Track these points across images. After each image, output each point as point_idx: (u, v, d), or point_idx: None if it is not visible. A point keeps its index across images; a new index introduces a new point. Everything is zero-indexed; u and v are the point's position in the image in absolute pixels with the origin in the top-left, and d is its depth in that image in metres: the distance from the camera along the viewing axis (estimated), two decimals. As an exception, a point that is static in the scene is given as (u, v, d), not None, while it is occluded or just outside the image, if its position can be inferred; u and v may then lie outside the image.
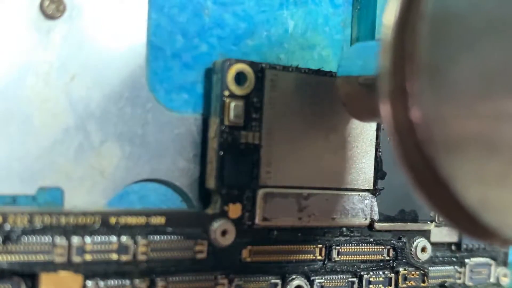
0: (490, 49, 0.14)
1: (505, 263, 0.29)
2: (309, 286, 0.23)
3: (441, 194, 0.16)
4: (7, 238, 0.19)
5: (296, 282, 0.23)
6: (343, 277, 0.24)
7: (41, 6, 0.20)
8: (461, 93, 0.14)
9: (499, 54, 0.14)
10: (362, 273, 0.25)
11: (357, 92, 0.22)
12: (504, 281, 0.28)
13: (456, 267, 0.27)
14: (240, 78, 0.22)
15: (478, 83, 0.14)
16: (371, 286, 0.25)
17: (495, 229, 0.16)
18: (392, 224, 0.25)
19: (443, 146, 0.15)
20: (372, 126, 0.24)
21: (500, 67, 0.14)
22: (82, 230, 0.20)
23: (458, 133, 0.15)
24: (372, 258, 0.25)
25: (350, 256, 0.24)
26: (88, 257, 0.20)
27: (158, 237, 0.21)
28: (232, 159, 0.22)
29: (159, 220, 0.21)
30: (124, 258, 0.20)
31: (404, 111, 0.15)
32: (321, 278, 0.24)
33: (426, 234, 0.26)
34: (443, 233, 0.27)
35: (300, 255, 0.23)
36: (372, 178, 0.24)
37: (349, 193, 0.24)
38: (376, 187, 0.25)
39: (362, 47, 0.23)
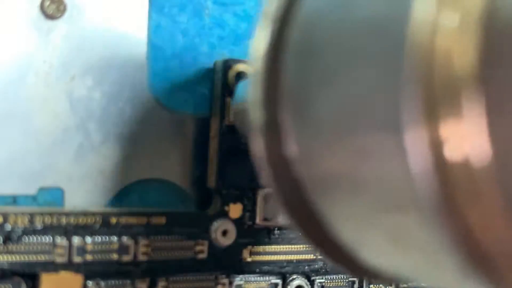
0: (349, 84, 0.13)
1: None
2: (309, 286, 0.23)
3: (317, 232, 0.15)
4: (7, 238, 0.19)
5: (296, 282, 0.23)
6: (343, 277, 0.24)
7: (42, 6, 0.20)
8: (325, 128, 0.14)
9: (358, 88, 0.13)
10: (362, 273, 0.25)
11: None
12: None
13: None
14: (240, 78, 0.22)
15: (339, 118, 0.13)
16: (371, 286, 0.25)
17: (375, 268, 0.15)
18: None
19: (314, 183, 0.15)
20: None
21: (359, 102, 0.13)
22: (83, 230, 0.20)
23: (325, 170, 0.14)
24: (373, 258, 0.25)
25: (351, 256, 0.24)
26: (88, 257, 0.20)
27: (159, 237, 0.21)
28: (232, 159, 0.22)
29: (159, 220, 0.21)
30: (125, 258, 0.20)
31: (278, 147, 0.15)
32: (322, 278, 0.24)
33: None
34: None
35: (301, 255, 0.23)
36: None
37: (350, 193, 0.24)
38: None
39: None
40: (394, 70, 0.12)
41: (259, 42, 0.15)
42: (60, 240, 0.19)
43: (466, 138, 0.11)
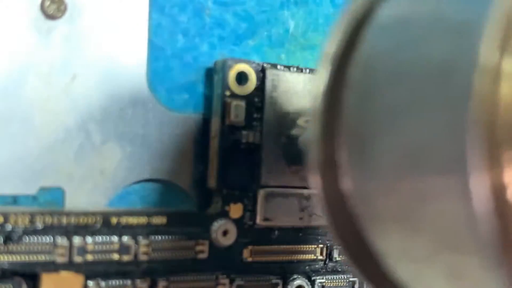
0: (411, 125, 0.13)
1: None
2: (310, 286, 0.23)
3: (372, 269, 0.15)
4: (8, 238, 0.19)
5: (297, 282, 0.23)
6: (344, 277, 0.24)
7: (42, 6, 0.20)
8: (384, 168, 0.14)
9: (420, 130, 0.13)
10: (363, 273, 0.25)
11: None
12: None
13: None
14: (241, 78, 0.22)
15: (400, 159, 0.14)
16: None
17: None
18: (393, 224, 0.25)
19: (371, 221, 0.15)
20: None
21: (422, 145, 0.13)
22: (83, 230, 0.20)
23: (382, 209, 0.14)
24: (373, 258, 0.25)
25: (351, 256, 0.24)
26: (89, 257, 0.20)
27: (159, 237, 0.21)
28: (233, 159, 0.22)
29: (160, 220, 0.21)
30: (126, 258, 0.20)
31: (334, 183, 0.15)
32: (322, 278, 0.24)
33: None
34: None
35: (301, 255, 0.23)
36: (373, 178, 0.24)
37: (350, 193, 0.24)
38: (377, 187, 0.25)
39: None
40: (458, 116, 0.12)
41: (319, 80, 0.15)
42: (61, 240, 0.19)
43: None
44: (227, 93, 0.22)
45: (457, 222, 0.13)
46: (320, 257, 0.24)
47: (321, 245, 0.24)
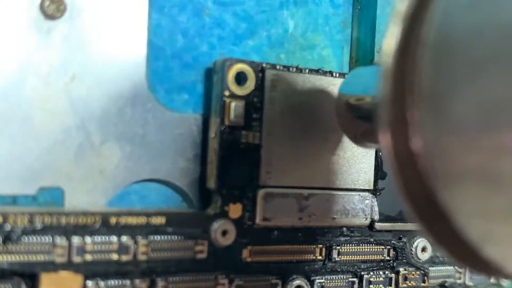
0: (492, 81, 0.13)
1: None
2: (309, 286, 0.23)
3: (442, 228, 0.15)
4: (7, 238, 0.19)
5: (296, 282, 0.23)
6: (343, 277, 0.24)
7: (42, 6, 0.20)
8: (462, 124, 0.14)
9: (502, 86, 0.13)
10: (362, 273, 0.25)
11: (349, 115, 0.22)
12: (504, 281, 0.28)
13: (456, 267, 0.27)
14: (240, 78, 0.22)
15: (479, 115, 0.14)
16: (371, 286, 0.25)
17: (498, 264, 0.15)
18: (392, 224, 0.25)
19: (445, 178, 0.15)
20: (373, 126, 0.24)
21: (502, 99, 0.13)
22: (83, 230, 0.20)
23: (459, 166, 0.14)
24: (373, 258, 0.25)
25: (351, 256, 0.24)
26: (88, 257, 0.20)
27: (159, 237, 0.21)
28: (232, 159, 0.22)
29: (159, 220, 0.21)
30: (125, 258, 0.20)
31: (405, 141, 0.15)
32: (322, 278, 0.24)
33: (426, 234, 0.26)
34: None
35: (301, 255, 0.23)
36: (373, 178, 0.24)
37: (350, 193, 0.24)
38: (377, 187, 0.25)
39: (362, 72, 0.23)
40: None
41: (391, 38, 0.15)
42: (60, 240, 0.19)
43: None
44: (227, 93, 0.22)
45: None
46: (320, 257, 0.24)
47: (320, 245, 0.24)
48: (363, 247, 0.25)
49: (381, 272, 0.25)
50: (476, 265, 0.16)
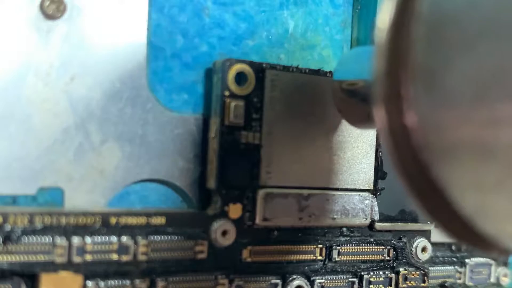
0: (486, 53, 0.13)
1: (505, 263, 0.29)
2: (309, 286, 0.23)
3: (437, 201, 0.15)
4: (7, 238, 0.19)
5: (296, 282, 0.23)
6: (343, 277, 0.24)
7: (41, 6, 0.20)
8: (457, 98, 0.14)
9: (495, 58, 0.13)
10: (362, 273, 0.25)
11: (345, 98, 0.22)
12: (504, 281, 0.28)
13: (456, 267, 0.27)
14: (240, 78, 0.22)
15: (473, 87, 0.14)
16: (371, 286, 0.25)
17: (493, 238, 0.15)
18: (392, 224, 0.25)
19: (439, 152, 0.15)
20: (373, 126, 0.24)
21: (496, 71, 0.13)
22: (83, 230, 0.20)
23: (453, 139, 0.14)
24: (373, 258, 0.25)
25: (351, 256, 0.24)
26: (88, 257, 0.20)
27: (159, 237, 0.21)
28: (232, 159, 0.22)
29: (159, 220, 0.21)
30: (125, 258, 0.20)
31: (399, 116, 0.15)
32: (322, 278, 0.24)
33: (426, 234, 0.26)
34: (443, 233, 0.27)
35: (301, 255, 0.23)
36: (373, 178, 0.24)
37: (350, 193, 0.24)
38: (377, 187, 0.25)
39: (357, 52, 0.23)
40: None
41: (385, 13, 0.15)
42: (60, 240, 0.19)
43: None
44: (227, 93, 0.22)
45: None
46: (320, 257, 0.24)
47: (320, 245, 0.24)
48: (363, 247, 0.25)
49: (381, 272, 0.25)
50: (471, 239, 0.16)
